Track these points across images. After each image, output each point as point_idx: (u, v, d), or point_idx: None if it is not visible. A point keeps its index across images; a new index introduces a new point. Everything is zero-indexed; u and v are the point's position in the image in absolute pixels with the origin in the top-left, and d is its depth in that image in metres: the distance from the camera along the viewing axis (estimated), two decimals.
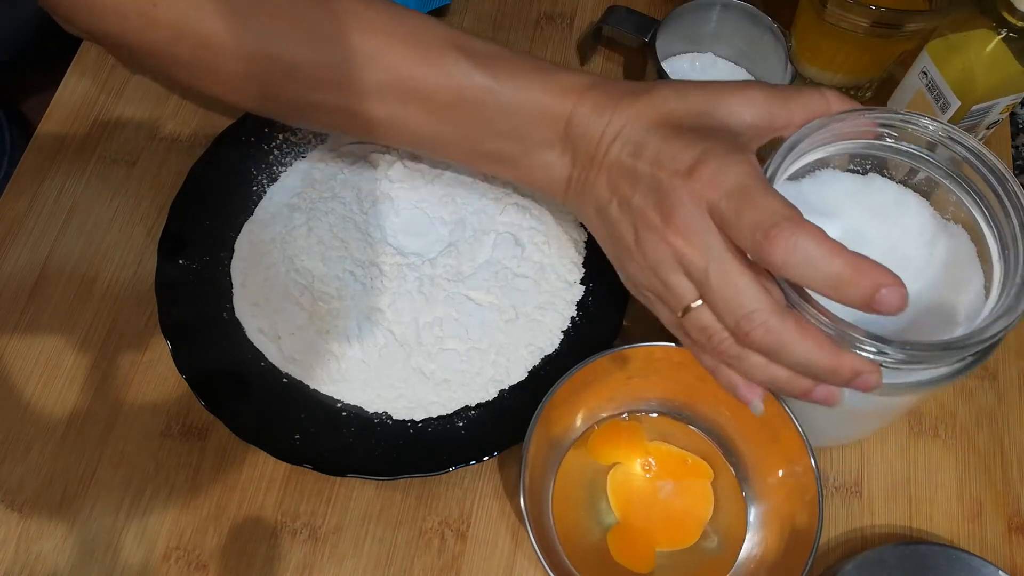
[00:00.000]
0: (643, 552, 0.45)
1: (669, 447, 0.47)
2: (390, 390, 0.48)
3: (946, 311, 0.42)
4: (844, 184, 0.45)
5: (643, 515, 0.46)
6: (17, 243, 0.54)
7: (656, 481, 0.46)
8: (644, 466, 0.47)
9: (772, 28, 0.54)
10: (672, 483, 0.46)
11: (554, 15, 0.65)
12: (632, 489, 0.46)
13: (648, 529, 0.46)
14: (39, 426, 0.49)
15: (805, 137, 0.39)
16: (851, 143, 0.42)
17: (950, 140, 0.40)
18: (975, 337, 0.36)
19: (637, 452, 0.47)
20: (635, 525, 0.46)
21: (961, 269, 0.42)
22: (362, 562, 0.46)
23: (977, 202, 0.41)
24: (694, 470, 0.47)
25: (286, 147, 0.56)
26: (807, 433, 0.42)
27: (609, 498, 0.46)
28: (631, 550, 0.45)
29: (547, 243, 0.52)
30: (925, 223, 0.44)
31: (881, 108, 0.42)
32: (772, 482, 0.45)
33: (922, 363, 0.36)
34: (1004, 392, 0.52)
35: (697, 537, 0.45)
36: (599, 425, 0.47)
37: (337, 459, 0.46)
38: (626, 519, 0.46)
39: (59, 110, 0.59)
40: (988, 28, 0.47)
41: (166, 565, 0.46)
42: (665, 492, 0.46)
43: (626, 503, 0.46)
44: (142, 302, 0.52)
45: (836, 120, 0.40)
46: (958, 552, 0.44)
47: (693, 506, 0.46)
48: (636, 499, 0.46)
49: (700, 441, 0.47)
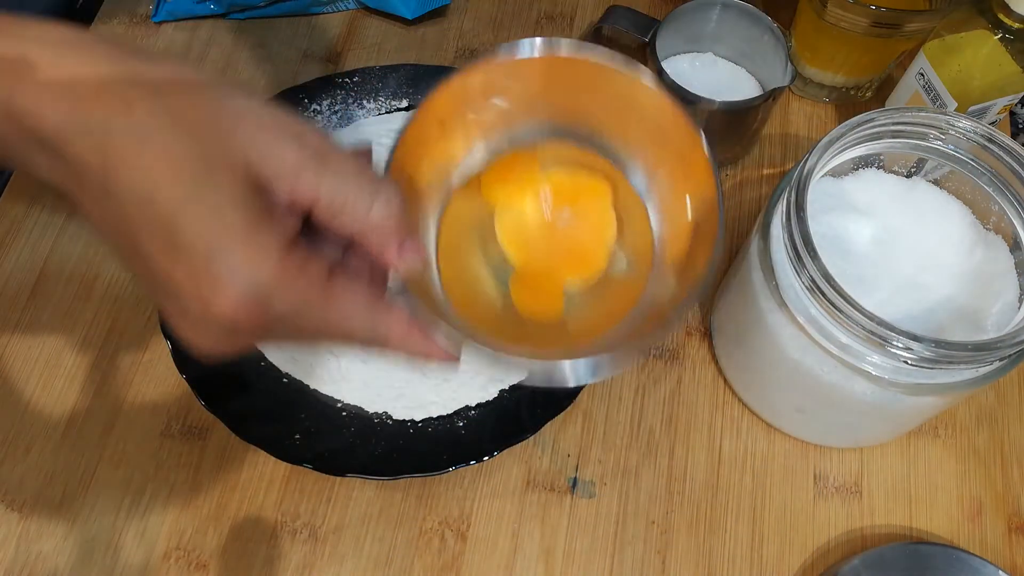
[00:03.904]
0: (550, 294, 0.39)
1: (563, 173, 0.40)
2: (390, 390, 0.48)
3: (975, 319, 0.42)
4: (887, 185, 0.45)
5: (543, 254, 0.39)
6: (17, 243, 0.54)
7: (551, 211, 0.39)
8: (540, 199, 0.39)
9: (772, 28, 0.54)
10: (568, 210, 0.39)
11: (554, 15, 0.65)
12: (526, 227, 0.39)
13: (550, 268, 0.39)
14: (39, 426, 0.49)
15: (845, 133, 0.40)
16: (894, 141, 0.42)
17: (989, 143, 0.40)
18: (1007, 341, 0.36)
19: (531, 185, 0.39)
20: (536, 267, 0.39)
21: (997, 280, 0.42)
22: (362, 562, 0.46)
23: (1020, 212, 0.41)
24: (591, 191, 0.39)
25: None
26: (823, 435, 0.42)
27: (502, 244, 0.39)
28: (536, 296, 0.38)
29: None
30: (965, 231, 0.44)
31: (924, 108, 0.42)
32: (669, 182, 0.38)
33: (951, 363, 0.36)
34: (1004, 392, 0.52)
35: (605, 262, 0.39)
36: (489, 163, 0.39)
37: (337, 459, 0.46)
38: (526, 264, 0.39)
39: None
40: (984, 29, 0.47)
41: (166, 565, 0.46)
42: (563, 222, 0.39)
43: (523, 245, 0.39)
44: (142, 302, 0.52)
45: (877, 116, 0.40)
46: (958, 552, 0.44)
47: (595, 230, 0.39)
48: (533, 238, 0.39)
49: (594, 160, 0.39)
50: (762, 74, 0.57)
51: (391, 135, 0.57)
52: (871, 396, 0.41)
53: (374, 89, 0.58)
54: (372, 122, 0.57)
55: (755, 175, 0.59)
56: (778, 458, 0.50)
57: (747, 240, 0.46)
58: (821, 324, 0.39)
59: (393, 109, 0.58)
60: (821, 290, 0.37)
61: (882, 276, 0.43)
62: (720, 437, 0.50)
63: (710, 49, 0.59)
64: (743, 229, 0.57)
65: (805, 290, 0.39)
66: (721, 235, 0.34)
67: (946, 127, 0.41)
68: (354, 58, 0.63)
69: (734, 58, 0.59)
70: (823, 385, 0.42)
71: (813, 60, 0.58)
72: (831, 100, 0.61)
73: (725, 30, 0.57)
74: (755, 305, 0.44)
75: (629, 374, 0.52)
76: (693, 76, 0.58)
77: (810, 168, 0.39)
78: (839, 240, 0.44)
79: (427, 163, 0.38)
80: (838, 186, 0.46)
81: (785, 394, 0.47)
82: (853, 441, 0.50)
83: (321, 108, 0.57)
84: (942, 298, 0.43)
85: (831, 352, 0.39)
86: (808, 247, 0.38)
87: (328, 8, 0.64)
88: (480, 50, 0.63)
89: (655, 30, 0.55)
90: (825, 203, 0.45)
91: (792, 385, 0.45)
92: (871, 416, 0.44)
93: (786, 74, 0.53)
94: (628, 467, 0.49)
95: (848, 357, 0.39)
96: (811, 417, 0.47)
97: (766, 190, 0.59)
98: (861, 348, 0.38)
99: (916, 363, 0.36)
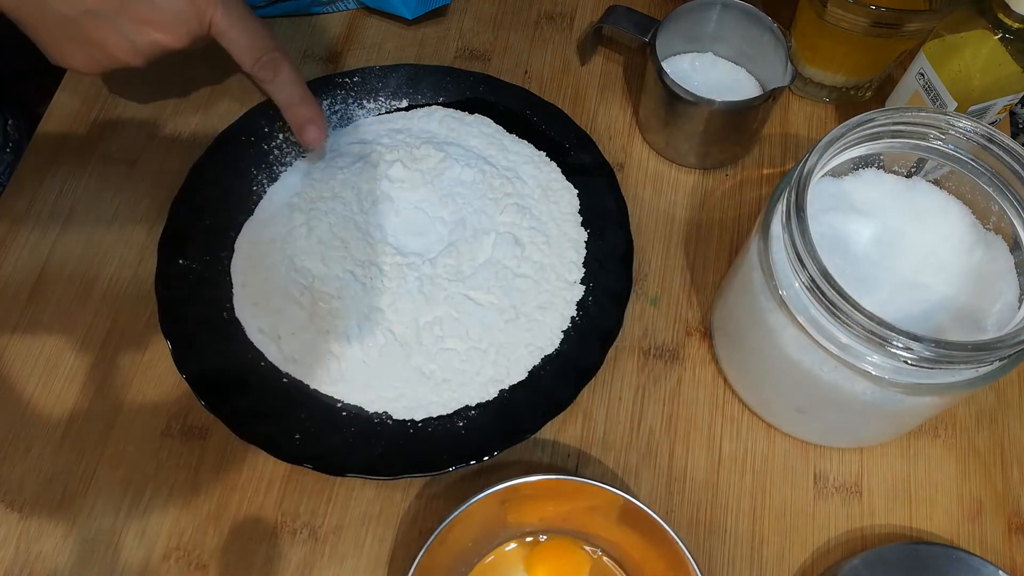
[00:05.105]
0: None
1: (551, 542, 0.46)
2: (390, 390, 0.48)
3: (975, 319, 0.42)
4: (888, 185, 0.45)
5: None
6: (17, 243, 0.54)
7: None
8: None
9: (772, 28, 0.54)
10: None
11: (554, 15, 0.65)
12: None
13: None
14: (39, 426, 0.49)
15: (845, 133, 0.39)
16: (893, 141, 0.42)
17: (989, 143, 0.40)
18: (1007, 341, 0.36)
19: None
20: None
21: (996, 280, 0.42)
22: (362, 562, 0.46)
23: (1019, 212, 0.41)
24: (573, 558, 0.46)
25: (286, 147, 0.56)
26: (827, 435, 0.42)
27: None
28: None
29: (547, 243, 0.52)
30: (966, 231, 0.44)
31: (924, 108, 0.42)
32: None
33: (951, 363, 0.36)
34: (1004, 392, 0.52)
35: None
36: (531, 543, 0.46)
37: (337, 459, 0.46)
38: None
39: (59, 110, 0.59)
40: (984, 29, 0.47)
41: (166, 565, 0.46)
42: None
43: None
44: (142, 302, 0.52)
45: (877, 116, 0.40)
46: (958, 552, 0.44)
47: None
48: None
49: None
50: (762, 74, 0.57)
51: (391, 135, 0.58)
52: (871, 396, 0.41)
53: (374, 89, 0.58)
54: (372, 122, 0.57)
55: (755, 175, 0.59)
56: (778, 458, 0.50)
57: (747, 240, 0.46)
58: (821, 324, 0.39)
59: (393, 109, 0.58)
60: (821, 290, 0.37)
61: (882, 276, 0.43)
62: (720, 437, 0.50)
63: (710, 49, 0.59)
64: (743, 229, 0.57)
65: (805, 290, 0.39)
66: None
67: (946, 127, 0.41)
68: (354, 58, 0.63)
69: (734, 58, 0.59)
70: (823, 385, 0.42)
71: (813, 60, 0.58)
72: (831, 100, 0.61)
73: (725, 30, 0.57)
74: (755, 305, 0.44)
75: (629, 374, 0.52)
76: (693, 76, 0.58)
77: (810, 168, 0.39)
78: (839, 240, 0.44)
79: None
80: (838, 186, 0.46)
81: (785, 394, 0.47)
82: (853, 441, 0.50)
83: (321, 108, 0.57)
84: (942, 298, 0.43)
85: (831, 352, 0.39)
86: (808, 247, 0.38)
87: (328, 8, 0.64)
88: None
89: (655, 30, 0.55)
90: (825, 203, 0.45)
91: (792, 385, 0.45)
92: (871, 416, 0.44)
93: (786, 74, 0.53)
94: (628, 467, 0.49)
95: (848, 357, 0.39)
96: (811, 417, 0.47)
97: (766, 190, 0.59)
98: (861, 348, 0.38)
99: (916, 363, 0.36)
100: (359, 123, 0.57)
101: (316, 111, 0.51)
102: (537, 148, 0.57)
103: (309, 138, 0.51)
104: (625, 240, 0.53)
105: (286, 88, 0.50)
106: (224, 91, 0.60)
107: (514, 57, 0.63)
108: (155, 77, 0.60)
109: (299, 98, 0.51)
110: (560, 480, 0.41)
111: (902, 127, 0.42)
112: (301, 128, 0.51)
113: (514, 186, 0.54)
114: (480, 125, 0.57)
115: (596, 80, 0.62)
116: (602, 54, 0.63)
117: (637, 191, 0.58)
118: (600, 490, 0.41)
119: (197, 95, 0.60)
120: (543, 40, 0.64)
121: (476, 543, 0.45)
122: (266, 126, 0.56)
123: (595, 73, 0.63)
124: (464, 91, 0.59)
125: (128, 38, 0.46)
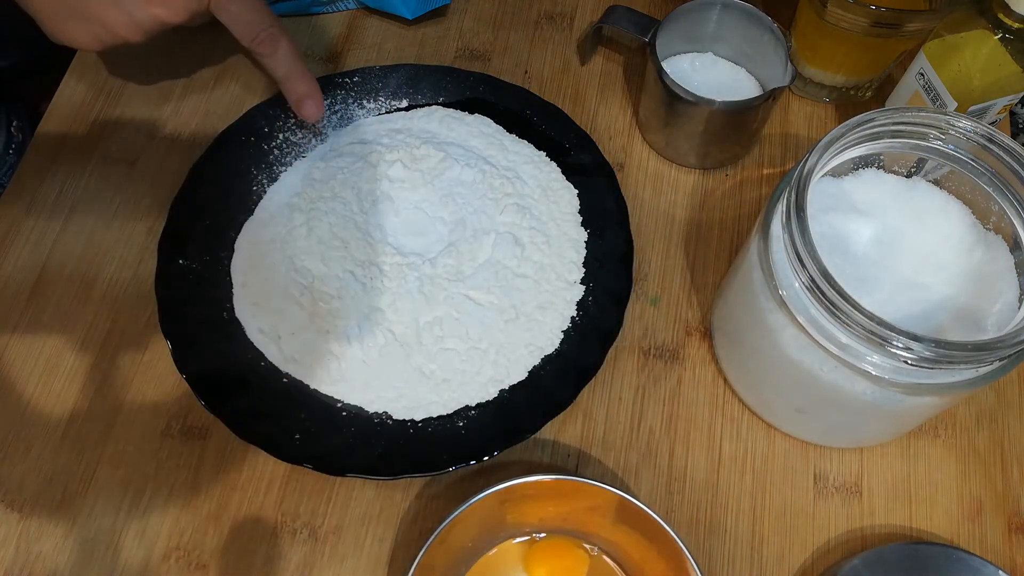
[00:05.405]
0: None
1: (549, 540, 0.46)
2: (390, 390, 0.48)
3: (975, 319, 0.42)
4: (888, 185, 0.45)
5: None
6: (17, 243, 0.54)
7: None
8: None
9: (772, 28, 0.54)
10: None
11: (554, 15, 0.65)
12: None
13: None
14: (39, 426, 0.49)
15: (845, 133, 0.39)
16: (893, 141, 0.42)
17: (989, 143, 0.40)
18: (1007, 341, 0.36)
19: None
20: None
21: (997, 280, 0.42)
22: (362, 562, 0.46)
23: (1019, 212, 0.41)
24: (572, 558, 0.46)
25: (286, 147, 0.56)
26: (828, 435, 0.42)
27: None
28: None
29: (547, 243, 0.52)
30: (966, 231, 0.44)
31: (924, 108, 0.42)
32: None
33: (951, 363, 0.36)
34: (1004, 392, 0.52)
35: None
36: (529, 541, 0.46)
37: (337, 459, 0.46)
38: None
39: (59, 110, 0.59)
40: (984, 29, 0.47)
41: (166, 565, 0.46)
42: None
43: None
44: (142, 302, 0.52)
45: (877, 116, 0.40)
46: (958, 552, 0.44)
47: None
48: None
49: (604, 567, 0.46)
50: (762, 74, 0.57)
51: (391, 135, 0.58)
52: (871, 396, 0.41)
53: (374, 89, 0.58)
54: (372, 122, 0.57)
55: (755, 175, 0.59)
56: (778, 458, 0.50)
57: (747, 240, 0.46)
58: (821, 324, 0.39)
59: (393, 109, 0.58)
60: (821, 290, 0.37)
61: (882, 276, 0.43)
62: (720, 437, 0.50)
63: (710, 49, 0.59)
64: (743, 229, 0.57)
65: (805, 290, 0.39)
66: None
67: (946, 127, 0.41)
68: (354, 58, 0.63)
69: (734, 58, 0.59)
70: (823, 385, 0.42)
71: (813, 60, 0.58)
72: (831, 100, 0.61)
73: (725, 30, 0.57)
74: (755, 305, 0.44)
75: (629, 374, 0.52)
76: (693, 76, 0.58)
77: (810, 168, 0.39)
78: (839, 240, 0.44)
79: None
80: (838, 186, 0.46)
81: (785, 394, 0.47)
82: (853, 441, 0.50)
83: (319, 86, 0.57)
84: (942, 298, 0.43)
85: (831, 352, 0.39)
86: (808, 247, 0.38)
87: (328, 8, 0.64)
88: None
89: (655, 30, 0.55)
90: (825, 203, 0.45)
91: (792, 385, 0.45)
92: (871, 416, 0.44)
93: (786, 74, 0.53)
94: (628, 467, 0.49)
95: (848, 357, 0.39)
96: (811, 417, 0.47)
97: (766, 190, 0.59)
98: (861, 348, 0.38)
99: (916, 363, 0.36)
100: (359, 123, 0.57)
101: (314, 86, 0.52)
102: (537, 148, 0.57)
103: (307, 112, 0.52)
104: (625, 240, 0.53)
105: (284, 63, 0.51)
106: (224, 91, 0.60)
107: (514, 57, 0.63)
108: (155, 76, 0.60)
109: (297, 73, 0.51)
110: (560, 480, 0.41)
111: (902, 127, 0.42)
112: (299, 102, 0.52)
113: (514, 186, 0.54)
114: (480, 125, 0.57)
115: (596, 80, 0.62)
116: (602, 54, 0.63)
117: (637, 191, 0.58)
118: (600, 490, 0.41)
119: (197, 95, 0.60)
120: (543, 40, 0.64)
121: (476, 543, 0.45)
122: (266, 126, 0.56)
123: (595, 73, 0.63)
124: (464, 91, 0.59)
125: (128, 13, 0.46)
